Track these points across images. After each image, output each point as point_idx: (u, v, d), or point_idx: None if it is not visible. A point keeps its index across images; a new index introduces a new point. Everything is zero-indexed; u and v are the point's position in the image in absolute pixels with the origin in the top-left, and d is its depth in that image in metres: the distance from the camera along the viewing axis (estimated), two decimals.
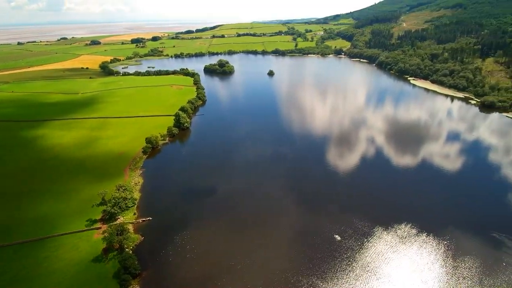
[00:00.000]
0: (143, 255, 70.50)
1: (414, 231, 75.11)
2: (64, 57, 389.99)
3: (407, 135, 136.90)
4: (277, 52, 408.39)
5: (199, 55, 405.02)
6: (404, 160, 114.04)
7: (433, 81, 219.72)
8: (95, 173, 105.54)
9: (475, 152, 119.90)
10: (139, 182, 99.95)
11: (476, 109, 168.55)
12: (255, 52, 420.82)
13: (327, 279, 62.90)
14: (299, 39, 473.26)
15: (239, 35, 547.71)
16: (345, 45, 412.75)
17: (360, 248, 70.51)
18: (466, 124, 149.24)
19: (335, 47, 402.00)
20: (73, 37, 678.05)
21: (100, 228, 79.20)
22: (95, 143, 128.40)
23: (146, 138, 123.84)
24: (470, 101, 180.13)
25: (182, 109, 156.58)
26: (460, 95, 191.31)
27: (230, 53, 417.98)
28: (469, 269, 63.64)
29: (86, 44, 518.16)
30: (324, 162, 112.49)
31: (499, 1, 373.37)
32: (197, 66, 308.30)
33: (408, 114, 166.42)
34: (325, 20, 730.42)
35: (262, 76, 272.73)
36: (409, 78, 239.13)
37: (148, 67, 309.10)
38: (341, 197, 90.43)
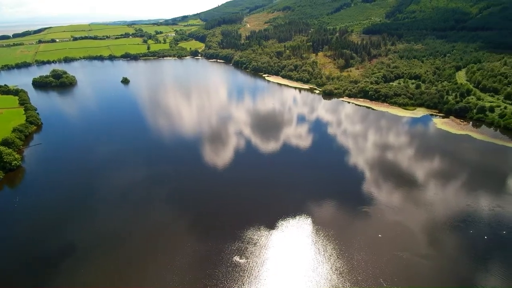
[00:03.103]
0: None
1: (303, 226, 77.24)
2: None
3: (269, 127, 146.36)
4: (128, 57, 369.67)
5: (23, 65, 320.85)
6: (271, 150, 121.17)
7: (283, 76, 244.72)
8: None
9: (325, 132, 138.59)
10: None
11: (320, 97, 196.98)
12: (101, 58, 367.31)
13: None
14: (151, 41, 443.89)
15: (75, 39, 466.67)
16: (200, 46, 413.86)
17: (264, 263, 66.66)
18: (315, 110, 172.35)
19: (190, 48, 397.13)
20: None
21: None
22: None
23: None
24: (315, 91, 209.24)
25: (5, 142, 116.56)
26: (306, 86, 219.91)
27: (68, 60, 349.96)
28: (359, 250, 69.11)
29: None
30: (204, 171, 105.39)
31: (316, 4, 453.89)
32: (21, 80, 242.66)
33: (267, 106, 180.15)
34: (174, 21, 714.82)
35: (115, 85, 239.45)
36: (263, 75, 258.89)
37: None
38: (230, 208, 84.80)
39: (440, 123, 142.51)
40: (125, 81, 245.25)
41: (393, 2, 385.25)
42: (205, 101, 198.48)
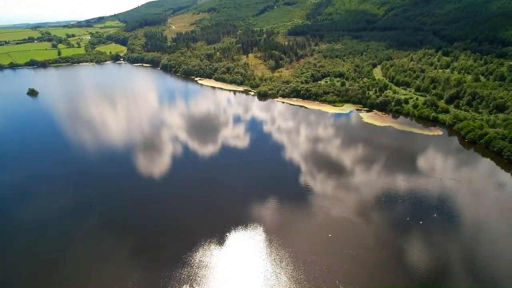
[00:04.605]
0: None
1: (253, 237, 74.54)
2: None
3: (207, 131, 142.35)
4: (35, 64, 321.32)
5: None
6: (210, 155, 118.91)
7: (216, 79, 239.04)
8: None
9: (262, 133, 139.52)
10: None
11: (255, 98, 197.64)
12: None
13: None
14: (62, 46, 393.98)
15: None
16: (121, 49, 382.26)
17: (218, 287, 61.91)
18: (251, 111, 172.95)
19: (111, 52, 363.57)
20: None
21: None
22: None
23: None
24: (250, 92, 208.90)
25: None
26: (241, 88, 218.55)
27: None
28: (314, 254, 68.73)
29: None
30: (138, 187, 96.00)
31: (241, 6, 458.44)
32: None
33: (202, 111, 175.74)
34: (88, 23, 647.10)
35: (20, 97, 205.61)
36: (195, 78, 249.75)
37: None
38: (172, 228, 77.82)
39: (366, 117, 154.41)
40: (33, 92, 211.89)
41: (311, 4, 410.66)
42: (134, 109, 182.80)
